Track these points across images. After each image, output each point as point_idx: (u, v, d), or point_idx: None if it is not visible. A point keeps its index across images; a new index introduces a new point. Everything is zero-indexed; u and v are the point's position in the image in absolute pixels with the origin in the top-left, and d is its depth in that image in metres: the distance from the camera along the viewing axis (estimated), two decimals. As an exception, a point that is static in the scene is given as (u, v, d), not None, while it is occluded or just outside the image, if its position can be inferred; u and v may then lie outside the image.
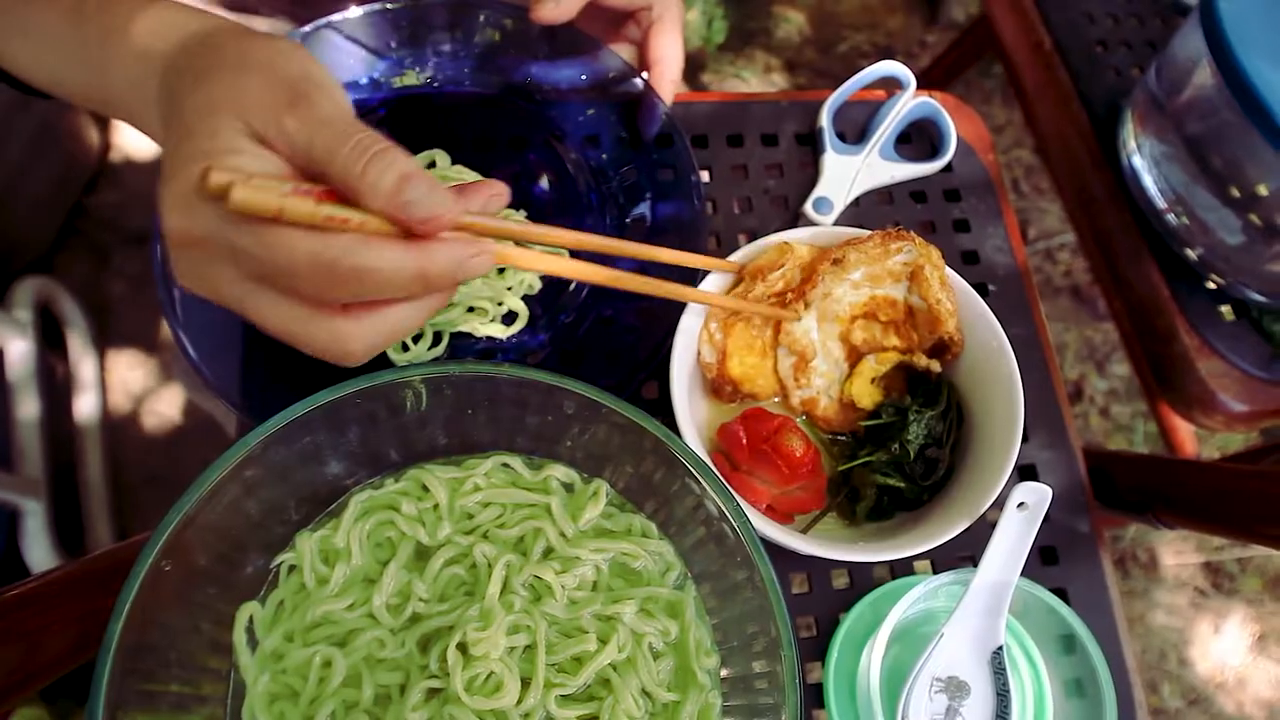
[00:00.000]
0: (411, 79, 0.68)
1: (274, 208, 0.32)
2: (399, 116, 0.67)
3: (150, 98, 0.39)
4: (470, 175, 0.64)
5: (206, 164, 0.32)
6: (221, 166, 0.32)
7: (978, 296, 0.59)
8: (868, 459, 0.58)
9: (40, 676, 0.47)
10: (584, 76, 0.69)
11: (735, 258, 0.58)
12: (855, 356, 0.60)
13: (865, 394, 0.59)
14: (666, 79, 0.65)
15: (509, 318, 0.62)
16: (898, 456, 0.57)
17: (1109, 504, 0.69)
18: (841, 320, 0.59)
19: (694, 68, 1.91)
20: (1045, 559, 0.63)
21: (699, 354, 0.57)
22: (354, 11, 0.65)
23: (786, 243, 0.58)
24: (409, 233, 0.35)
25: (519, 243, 0.44)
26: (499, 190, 0.40)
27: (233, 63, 0.36)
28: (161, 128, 0.38)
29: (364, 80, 0.67)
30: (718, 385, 0.58)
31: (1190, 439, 1.10)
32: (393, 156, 0.34)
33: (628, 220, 0.66)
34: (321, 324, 0.35)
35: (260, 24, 0.75)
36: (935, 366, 0.59)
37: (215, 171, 0.31)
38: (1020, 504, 0.50)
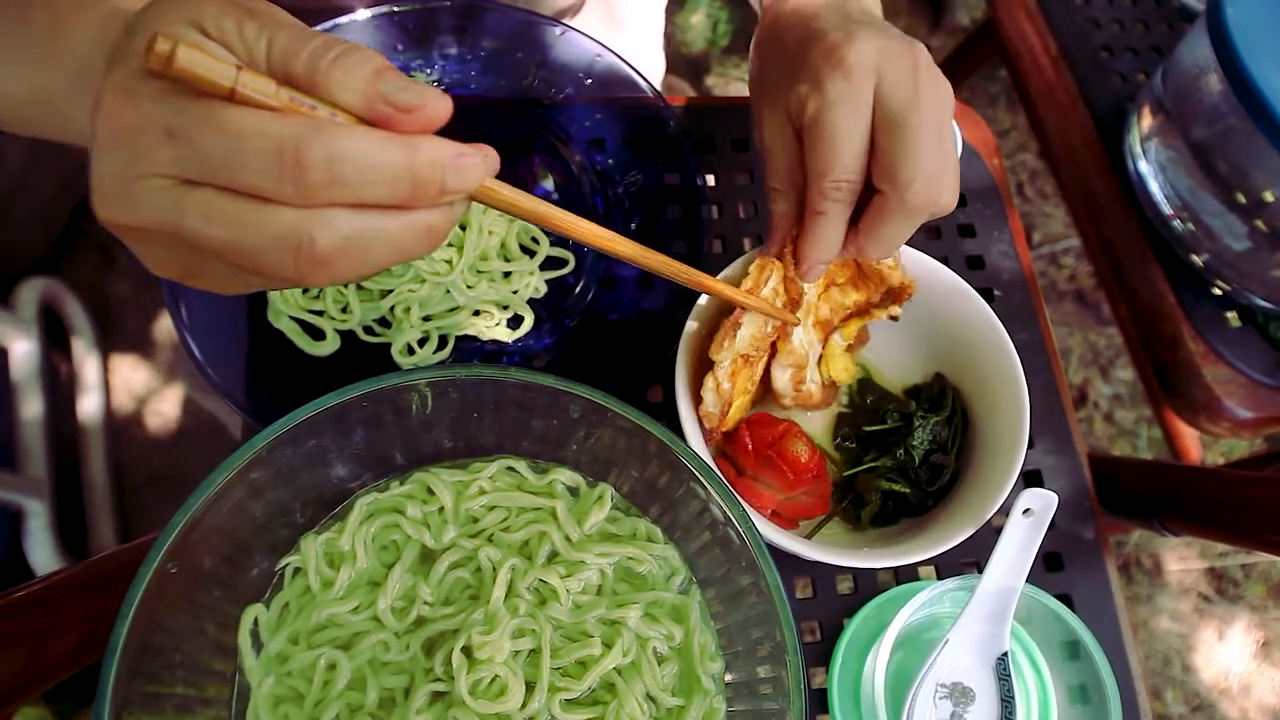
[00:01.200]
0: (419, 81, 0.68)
1: (228, 80, 0.27)
2: (405, 119, 0.67)
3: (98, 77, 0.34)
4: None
5: (151, 34, 0.27)
6: (168, 34, 0.27)
7: (983, 302, 0.59)
8: (872, 464, 0.58)
9: (47, 678, 0.47)
10: (589, 81, 0.69)
11: (721, 278, 0.53)
12: (825, 333, 0.59)
13: (843, 369, 0.59)
14: (860, 252, 0.51)
15: (515, 321, 0.62)
16: (903, 462, 0.57)
17: (1114, 510, 0.69)
18: (812, 306, 0.57)
19: (698, 70, 1.91)
20: (1050, 565, 0.63)
21: (701, 400, 0.52)
22: (361, 14, 0.65)
23: (764, 257, 0.52)
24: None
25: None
26: (489, 152, 0.34)
27: None
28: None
29: (370, 83, 0.67)
30: (710, 436, 0.54)
31: (1195, 445, 1.09)
32: (365, 53, 0.30)
33: (633, 225, 0.66)
34: (274, 217, 0.28)
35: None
36: (896, 311, 0.59)
37: (161, 38, 0.26)
38: (1026, 510, 0.50)
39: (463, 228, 0.61)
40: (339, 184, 0.28)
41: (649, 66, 0.96)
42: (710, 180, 0.72)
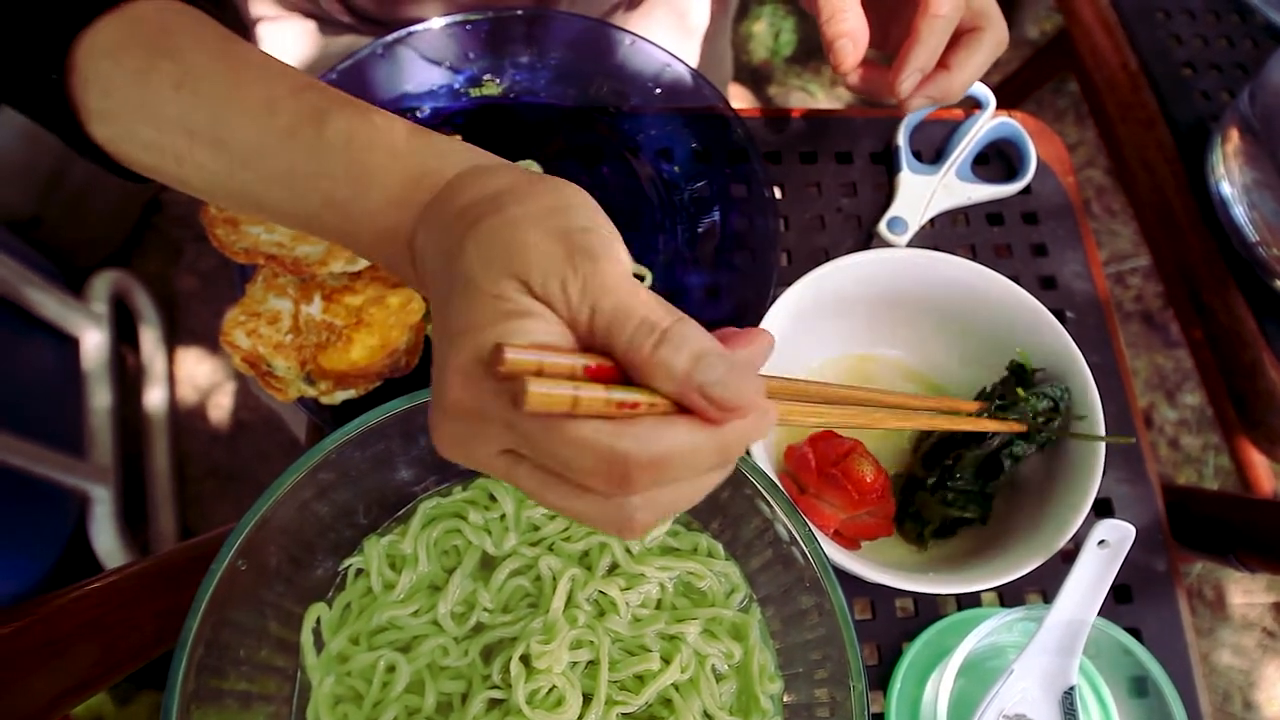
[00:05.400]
0: (491, 89, 0.69)
1: (568, 404, 0.29)
2: (477, 126, 0.68)
3: (402, 239, 0.37)
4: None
5: (499, 341, 0.29)
6: (512, 344, 0.29)
7: (1057, 323, 0.57)
8: (939, 478, 0.57)
9: (118, 670, 0.48)
10: (658, 90, 0.69)
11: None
12: None
13: None
14: (944, 85, 0.58)
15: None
16: (972, 488, 0.57)
17: (1187, 542, 0.67)
18: None
19: (759, 80, 1.91)
20: (1119, 597, 0.61)
21: None
22: (435, 23, 0.66)
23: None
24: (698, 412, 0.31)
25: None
26: (767, 342, 0.35)
27: (510, 213, 0.33)
28: (430, 268, 0.35)
29: (443, 90, 0.68)
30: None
31: (1268, 476, 1.05)
32: (684, 333, 0.30)
33: (699, 230, 0.66)
34: (604, 505, 0.31)
35: (344, 40, 0.77)
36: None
37: (510, 351, 0.28)
38: (1101, 541, 0.49)
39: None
40: (664, 481, 0.30)
41: (717, 76, 0.95)
42: (777, 193, 0.72)
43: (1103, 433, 0.54)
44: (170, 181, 0.42)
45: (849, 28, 0.56)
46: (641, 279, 0.64)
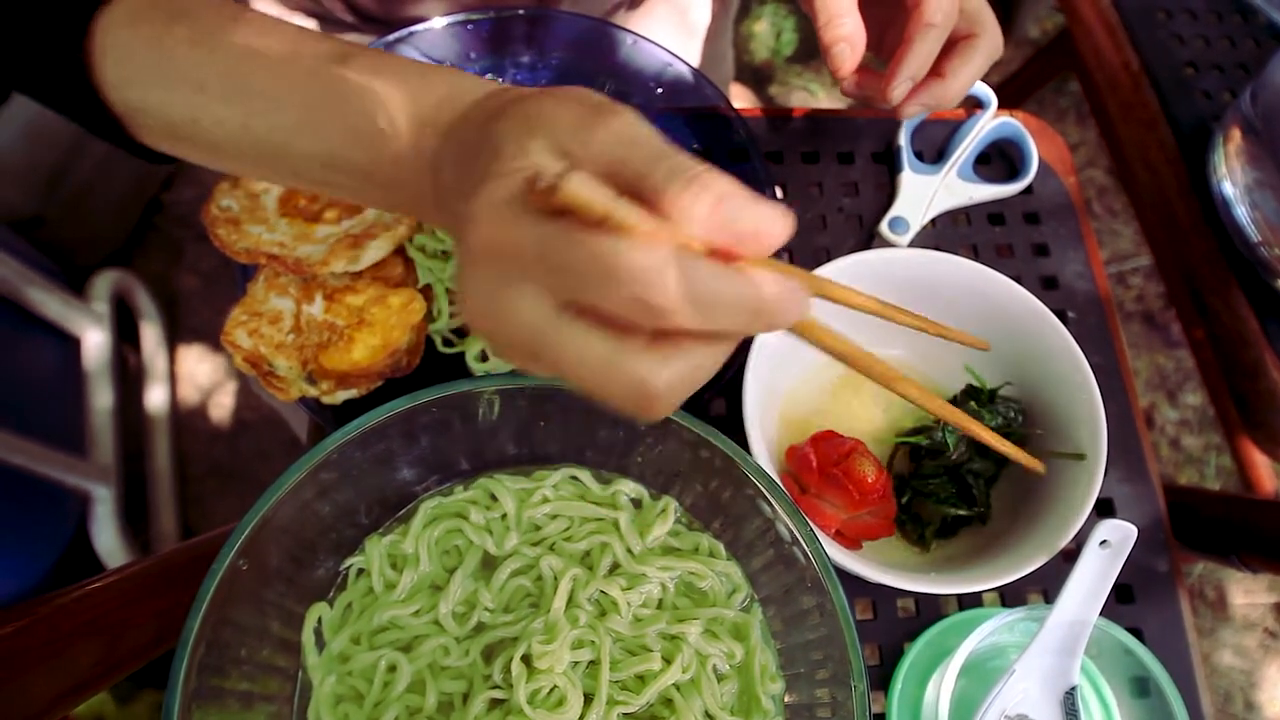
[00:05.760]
0: (491, 89, 0.69)
1: (604, 208, 0.29)
2: (476, 125, 0.68)
3: (425, 162, 0.38)
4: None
5: (530, 171, 0.30)
6: (541, 167, 0.30)
7: (1059, 323, 0.57)
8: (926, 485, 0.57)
9: (120, 669, 0.48)
10: (659, 89, 0.69)
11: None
12: None
13: None
14: (939, 93, 0.59)
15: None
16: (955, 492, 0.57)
17: (1189, 543, 0.67)
18: None
19: (761, 79, 1.91)
20: (1120, 597, 0.61)
21: None
22: (437, 23, 0.66)
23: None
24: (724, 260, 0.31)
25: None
26: (783, 222, 0.33)
27: (537, 97, 0.34)
28: (452, 189, 0.36)
29: (444, 89, 0.68)
30: None
31: (1270, 476, 1.05)
32: (709, 178, 0.30)
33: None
34: (629, 360, 0.30)
35: (344, 38, 0.76)
36: None
37: (543, 179, 0.29)
38: (1103, 542, 0.49)
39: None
40: (697, 313, 0.29)
41: (718, 76, 0.95)
42: (778, 193, 0.72)
43: (1104, 447, 0.53)
44: (185, 147, 0.44)
45: (846, 33, 0.56)
46: None
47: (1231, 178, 0.72)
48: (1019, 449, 0.46)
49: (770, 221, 0.30)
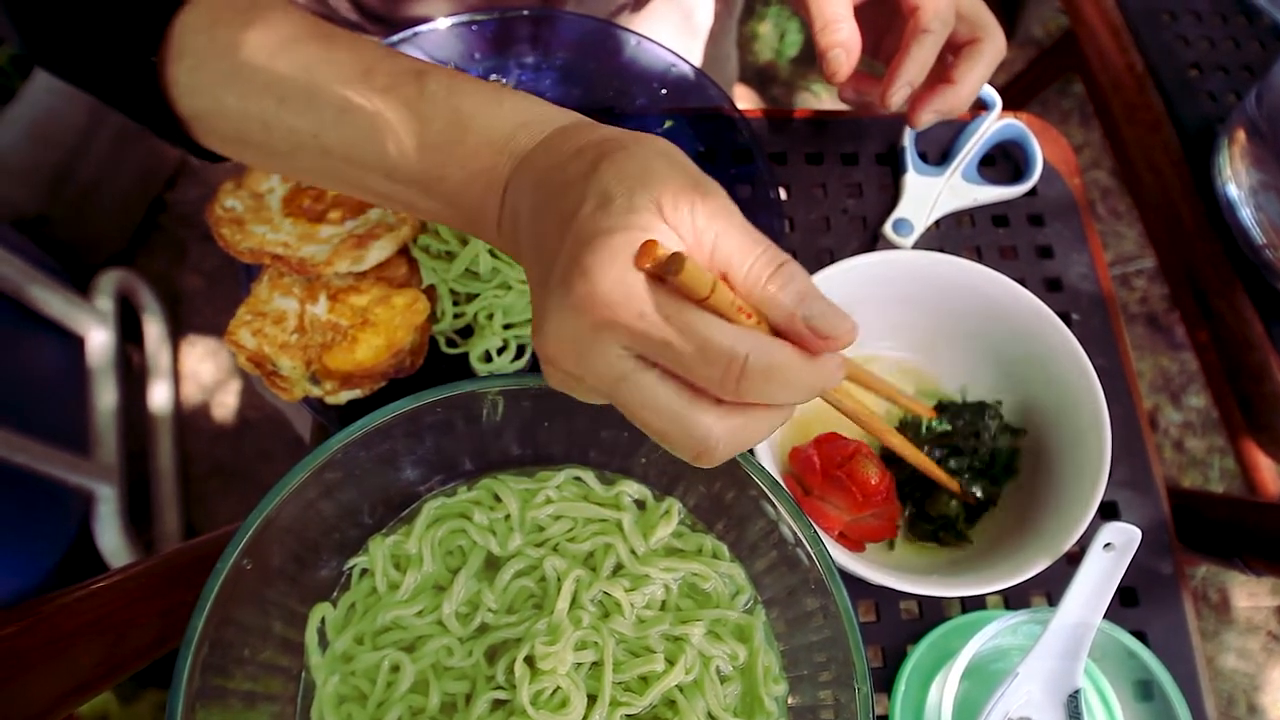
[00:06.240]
0: (495, 89, 0.69)
1: (708, 287, 0.31)
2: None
3: (496, 183, 0.39)
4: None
5: (644, 235, 0.32)
6: (654, 233, 0.32)
7: (1063, 325, 0.57)
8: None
9: (123, 669, 0.48)
10: (663, 90, 0.69)
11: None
12: None
13: None
14: (951, 99, 0.60)
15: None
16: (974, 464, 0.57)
17: (1193, 545, 0.67)
18: None
19: (765, 81, 1.90)
20: (1124, 600, 0.61)
21: None
22: (442, 23, 0.66)
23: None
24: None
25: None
26: (854, 327, 0.37)
27: (634, 147, 0.35)
28: (524, 215, 0.37)
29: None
30: None
31: (1274, 479, 1.05)
32: (793, 270, 0.33)
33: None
34: (696, 416, 0.33)
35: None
36: None
37: (659, 246, 0.31)
38: (1107, 545, 0.49)
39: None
40: (765, 393, 0.33)
41: (722, 76, 0.95)
42: (782, 193, 0.72)
43: (1109, 450, 0.53)
44: (251, 153, 0.44)
45: (842, 38, 0.57)
46: None
47: (1236, 180, 0.72)
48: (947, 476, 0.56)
49: (846, 331, 0.34)
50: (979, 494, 0.58)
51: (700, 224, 0.33)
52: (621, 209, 0.33)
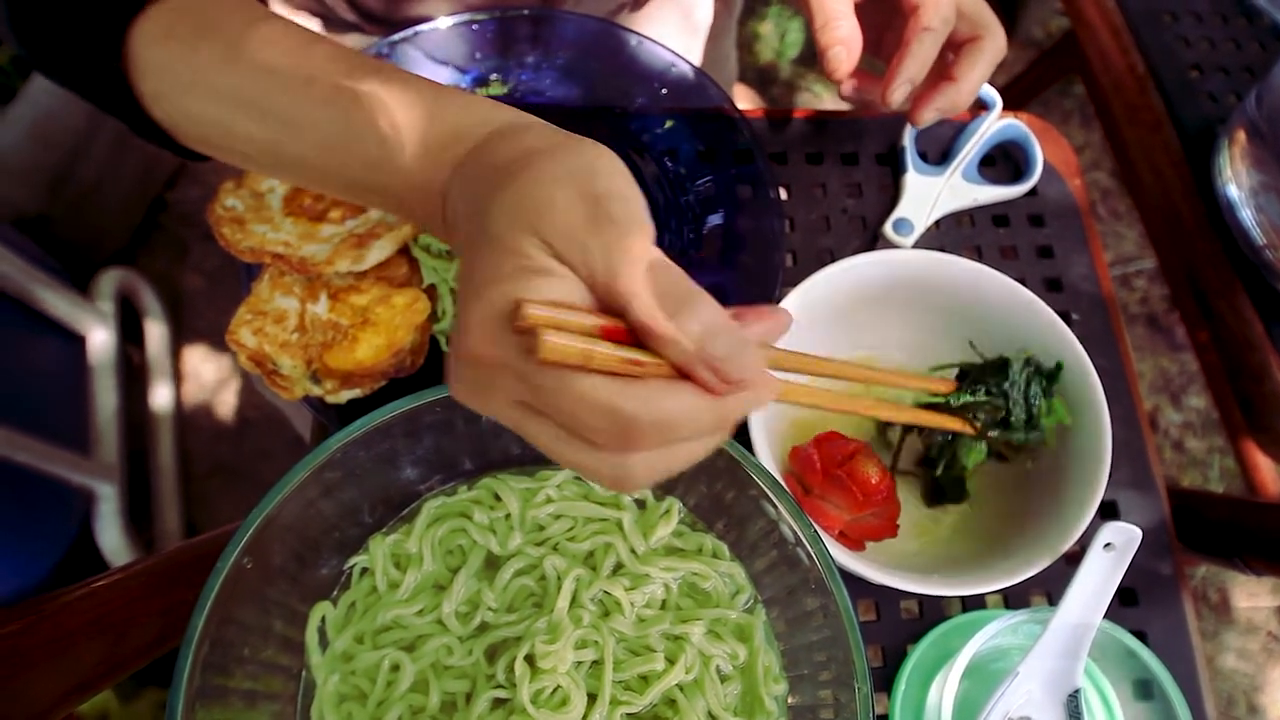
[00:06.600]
0: (497, 89, 0.69)
1: (580, 357, 0.30)
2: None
3: (436, 190, 0.39)
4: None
5: (519, 297, 0.31)
6: (532, 300, 0.31)
7: (1064, 325, 0.57)
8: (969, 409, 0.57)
9: (124, 668, 0.48)
10: (664, 90, 0.69)
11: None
12: None
13: None
14: (952, 97, 0.60)
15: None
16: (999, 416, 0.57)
17: (1193, 545, 0.67)
18: None
19: (765, 81, 1.90)
20: (1124, 600, 0.61)
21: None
22: (442, 23, 0.66)
23: None
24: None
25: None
26: (783, 320, 0.37)
27: (539, 170, 0.34)
28: (461, 223, 0.37)
29: (449, 89, 0.68)
30: None
31: (1274, 479, 1.05)
32: (697, 306, 0.32)
33: (704, 231, 0.66)
34: (605, 460, 0.32)
35: (350, 39, 0.77)
36: None
37: (529, 306, 0.30)
38: (1107, 544, 0.49)
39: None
40: (667, 439, 0.32)
41: (722, 76, 0.95)
42: (783, 193, 0.72)
43: (1109, 450, 0.53)
44: (225, 155, 0.45)
45: (843, 35, 0.57)
46: None
47: (1237, 181, 0.72)
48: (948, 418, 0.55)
49: (751, 370, 0.32)
50: (1022, 438, 0.57)
51: (595, 265, 0.32)
52: (508, 252, 0.32)
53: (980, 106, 0.73)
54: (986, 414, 0.57)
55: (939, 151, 0.74)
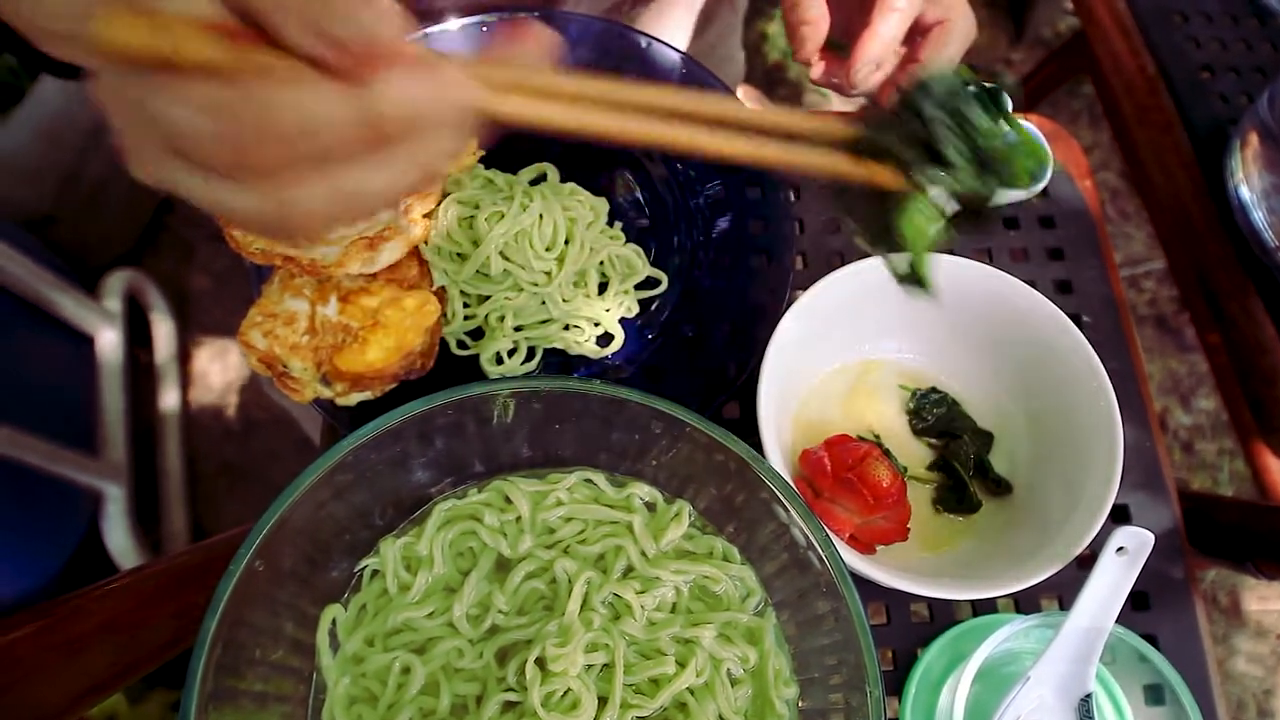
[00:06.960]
0: (505, 91, 0.69)
1: (153, 45, 0.24)
2: (489, 129, 0.68)
3: None
4: (583, 194, 0.64)
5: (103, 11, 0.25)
6: (137, 6, 0.25)
7: (1075, 328, 0.57)
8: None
9: (136, 670, 0.48)
10: (674, 92, 0.69)
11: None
12: None
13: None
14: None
15: (604, 339, 0.62)
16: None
17: (1204, 549, 0.66)
18: None
19: (773, 82, 1.90)
20: (1135, 604, 0.60)
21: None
22: (453, 24, 0.66)
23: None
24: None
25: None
26: (538, 35, 0.30)
27: None
28: None
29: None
30: None
31: (1284, 482, 1.05)
32: None
33: (714, 233, 0.66)
34: (256, 194, 0.26)
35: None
36: None
37: (104, 13, 0.24)
38: (1120, 548, 0.49)
39: (566, 241, 0.61)
40: (296, 149, 0.26)
41: (727, 76, 0.95)
42: (792, 195, 0.71)
43: (1121, 453, 0.53)
44: None
45: (812, 15, 0.56)
46: (657, 283, 0.64)
47: (1248, 182, 0.72)
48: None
49: (380, 25, 0.25)
50: (976, 184, 0.41)
51: None
52: None
53: (990, 108, 0.73)
54: (906, 147, 0.40)
55: (949, 153, 0.73)
